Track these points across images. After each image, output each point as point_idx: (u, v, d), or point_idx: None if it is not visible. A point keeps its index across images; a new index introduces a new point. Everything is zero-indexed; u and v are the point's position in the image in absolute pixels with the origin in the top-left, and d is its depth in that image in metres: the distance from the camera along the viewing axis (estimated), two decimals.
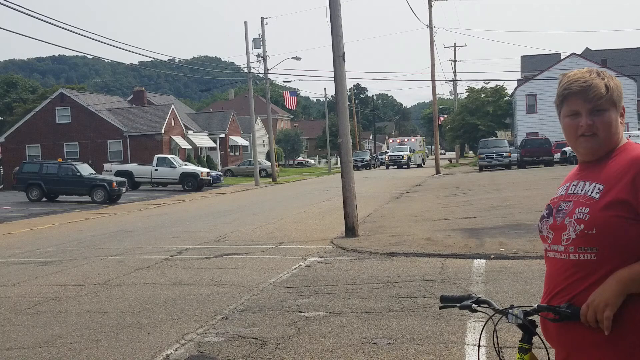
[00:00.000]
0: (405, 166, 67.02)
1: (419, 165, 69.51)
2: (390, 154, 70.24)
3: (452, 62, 79.26)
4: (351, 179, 16.11)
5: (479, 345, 4.00)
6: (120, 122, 55.13)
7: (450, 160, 79.07)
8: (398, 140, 76.90)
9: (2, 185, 54.44)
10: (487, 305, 2.97)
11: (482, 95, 69.12)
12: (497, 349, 2.99)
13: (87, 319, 8.50)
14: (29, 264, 13.93)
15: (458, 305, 2.96)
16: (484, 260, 11.36)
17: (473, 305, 2.95)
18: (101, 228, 21.69)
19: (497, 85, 69.06)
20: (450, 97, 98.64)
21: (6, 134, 56.47)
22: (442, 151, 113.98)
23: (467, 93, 73.74)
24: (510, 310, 2.78)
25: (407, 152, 68.57)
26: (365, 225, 17.25)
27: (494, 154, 49.30)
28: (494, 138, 60.15)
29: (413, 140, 75.52)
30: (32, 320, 8.59)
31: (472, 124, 67.69)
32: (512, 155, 49.95)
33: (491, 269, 10.61)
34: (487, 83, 70.00)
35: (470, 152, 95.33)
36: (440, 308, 3.06)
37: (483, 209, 19.78)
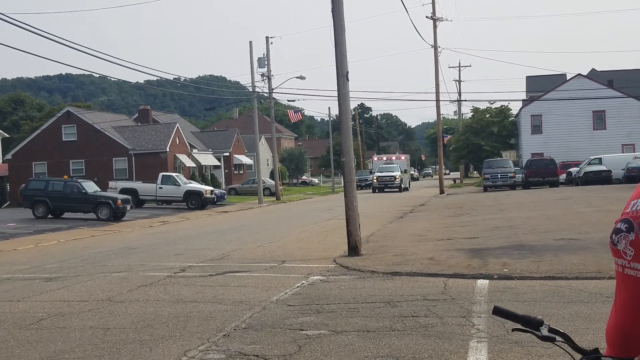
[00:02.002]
0: (397, 190, 56.99)
1: (404, 189, 58.92)
2: (378, 174, 58.67)
3: (457, 82, 79.49)
4: (354, 197, 16.15)
5: None
6: (126, 140, 55.35)
7: (454, 180, 79.04)
8: (384, 158, 66.99)
9: (8, 202, 54.59)
10: (563, 340, 2.66)
11: (487, 116, 69.20)
12: None
13: (90, 335, 8.53)
14: (34, 279, 13.98)
15: (539, 335, 2.72)
16: (487, 281, 11.37)
17: (557, 338, 2.63)
18: (105, 245, 21.74)
19: (502, 106, 69.19)
20: (455, 117, 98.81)
21: (13, 151, 56.71)
22: (447, 171, 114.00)
23: (472, 113, 73.85)
24: None
25: (399, 173, 58.00)
26: (368, 245, 17.27)
27: (499, 175, 49.29)
28: (499, 158, 60.12)
29: (402, 158, 67.01)
30: (35, 336, 8.63)
31: (476, 144, 67.71)
32: (516, 175, 49.92)
33: (494, 289, 10.62)
34: (492, 103, 70.18)
35: (475, 172, 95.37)
36: (513, 330, 2.85)
37: (487, 229, 19.78)
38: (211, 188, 46.98)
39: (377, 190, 57.73)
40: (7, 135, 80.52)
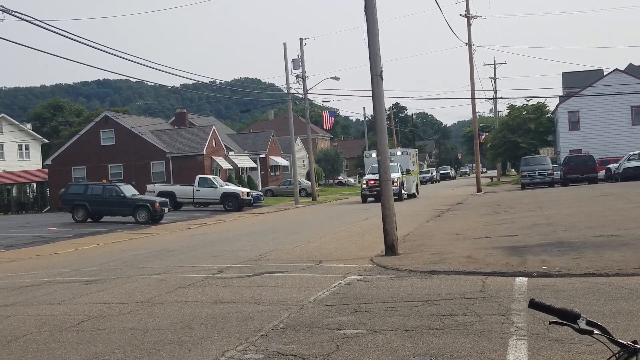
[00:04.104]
0: (397, 198, 36.84)
1: (411, 196, 46.43)
2: (369, 177, 43.85)
3: (492, 80, 78.80)
4: (390, 197, 16.08)
5: None
6: (163, 144, 55.93)
7: (491, 178, 78.26)
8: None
9: (48, 207, 55.58)
10: (601, 333, 2.66)
11: (524, 113, 68.37)
12: None
13: (129, 336, 8.62)
14: (74, 282, 14.19)
15: (576, 328, 2.65)
16: (526, 279, 11.22)
17: (595, 331, 2.62)
18: (144, 248, 21.98)
19: (538, 103, 68.29)
20: (491, 115, 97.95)
21: (53, 156, 57.72)
22: (484, 169, 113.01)
23: (508, 110, 73.05)
24: None
25: (398, 174, 42.39)
26: (405, 244, 17.17)
27: (537, 172, 48.67)
28: (536, 155, 59.38)
29: (401, 153, 49.82)
30: (76, 338, 8.75)
31: (513, 142, 66.97)
32: (554, 172, 49.24)
33: (533, 287, 10.47)
34: (528, 100, 69.29)
35: (512, 170, 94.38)
36: (550, 323, 2.81)
37: (525, 226, 19.53)
38: (248, 190, 47.24)
39: (366, 200, 43.25)
40: (46, 140, 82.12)
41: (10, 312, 10.93)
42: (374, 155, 48.65)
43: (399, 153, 48.92)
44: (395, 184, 38.93)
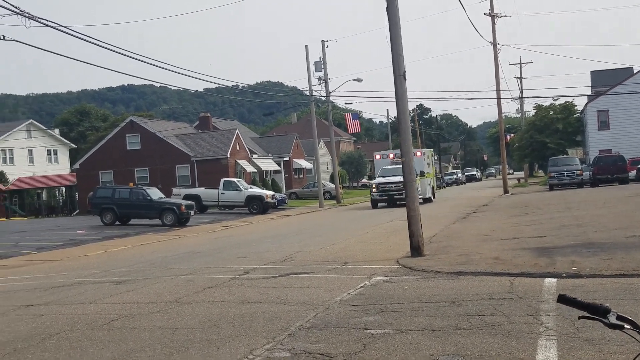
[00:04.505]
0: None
1: (426, 200, 41.28)
2: (379, 180, 40.82)
3: (518, 79, 78.12)
4: (415, 198, 16.05)
5: None
6: (188, 148, 56.32)
7: (518, 179, 77.64)
8: (391, 156, 45.46)
9: (78, 210, 56.24)
10: (632, 327, 2.66)
11: (551, 113, 67.65)
12: None
13: (159, 335, 8.72)
14: (104, 283, 14.36)
15: (606, 322, 2.65)
16: (555, 279, 11.14)
17: (626, 326, 2.61)
18: (171, 249, 22.17)
19: (566, 102, 67.58)
20: (517, 116, 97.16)
21: (80, 161, 58.39)
22: (510, 171, 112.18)
23: (535, 110, 72.37)
24: None
25: None
26: (431, 245, 17.13)
27: (565, 172, 48.16)
28: (565, 156, 58.77)
29: (418, 154, 42.86)
30: (107, 336, 8.86)
31: (540, 142, 66.29)
32: (583, 173, 48.68)
33: (563, 287, 10.39)
34: (555, 100, 68.60)
35: (540, 171, 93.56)
36: (580, 318, 2.79)
37: (554, 227, 19.38)
38: (272, 192, 47.38)
39: (377, 205, 40.01)
40: (74, 145, 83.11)
41: (44, 311, 11.11)
42: (381, 156, 46.67)
43: (419, 153, 43.46)
44: None
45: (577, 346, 6.96)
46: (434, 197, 45.57)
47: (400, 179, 36.57)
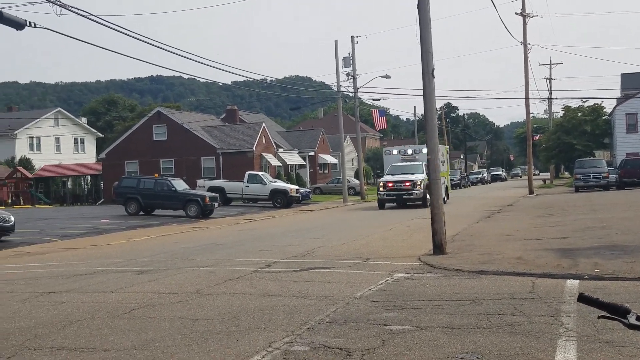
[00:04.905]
0: (420, 203, 35.29)
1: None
2: (387, 178, 37.57)
3: (547, 80, 77.36)
4: (439, 196, 16.00)
5: None
6: (214, 140, 56.58)
7: (544, 180, 76.96)
8: (401, 152, 42.80)
9: (102, 199, 56.80)
10: None
11: (579, 114, 67.00)
12: None
13: (179, 325, 8.78)
14: (126, 272, 14.49)
15: (625, 323, 2.63)
16: (577, 281, 11.05)
17: None
18: (194, 241, 22.31)
19: (595, 104, 66.85)
20: (545, 116, 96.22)
21: (107, 151, 58.92)
22: (536, 171, 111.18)
23: (563, 112, 71.69)
24: None
25: (422, 176, 35.75)
26: (453, 244, 17.06)
27: (591, 175, 47.67)
28: (591, 158, 58.12)
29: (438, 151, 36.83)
30: (127, 325, 8.95)
31: (568, 144, 65.67)
32: (610, 176, 48.13)
33: (585, 289, 10.29)
34: (584, 101, 67.89)
35: (566, 172, 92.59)
36: (599, 318, 2.78)
37: (578, 229, 19.20)
38: (296, 187, 47.45)
39: (384, 206, 36.97)
40: (101, 135, 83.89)
41: (65, 299, 11.24)
42: (395, 152, 42.24)
43: (424, 150, 39.49)
44: (418, 187, 35.55)
45: (597, 348, 6.90)
46: (447, 198, 39.97)
47: (411, 177, 36.07)
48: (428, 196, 34.14)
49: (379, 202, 37.67)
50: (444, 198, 38.24)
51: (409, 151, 41.91)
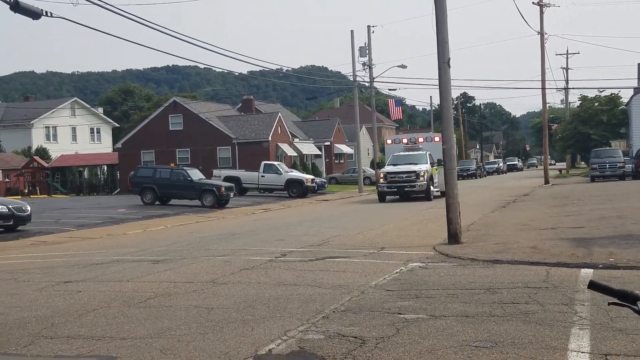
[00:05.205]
0: (423, 196, 33.68)
1: (444, 193, 21.22)
2: (388, 169, 35.06)
3: (564, 70, 76.77)
4: (455, 185, 15.98)
5: None
6: (230, 130, 56.69)
7: (560, 170, 76.54)
8: (405, 141, 39.45)
9: (118, 189, 57.15)
10: None
11: (596, 104, 66.51)
12: None
13: (195, 314, 8.86)
14: (142, 261, 14.61)
15: (635, 309, 2.67)
16: (592, 270, 11.02)
17: None
18: (210, 230, 22.42)
19: (611, 94, 66.30)
20: (562, 106, 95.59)
21: (123, 140, 59.22)
22: (552, 161, 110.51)
23: (580, 101, 71.21)
24: None
25: (426, 166, 34.25)
26: (468, 233, 17.04)
27: (607, 164, 47.35)
28: (607, 148, 57.71)
29: (437, 140, 36.22)
30: (144, 313, 9.04)
31: (584, 134, 65.26)
32: (626, 165, 47.80)
33: (599, 278, 10.25)
34: (601, 91, 67.37)
35: (582, 162, 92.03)
36: (610, 304, 2.83)
37: (593, 219, 19.11)
38: (312, 177, 47.47)
39: (385, 199, 34.79)
40: (117, 124, 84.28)
41: (82, 288, 11.36)
42: (393, 141, 39.78)
43: (437, 139, 36.75)
44: (421, 178, 33.34)
45: (610, 336, 6.90)
46: None
47: (414, 167, 33.69)
48: (432, 188, 33.91)
49: (379, 195, 35.25)
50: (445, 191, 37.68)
51: (412, 140, 39.11)
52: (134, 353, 7.05)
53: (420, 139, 39.00)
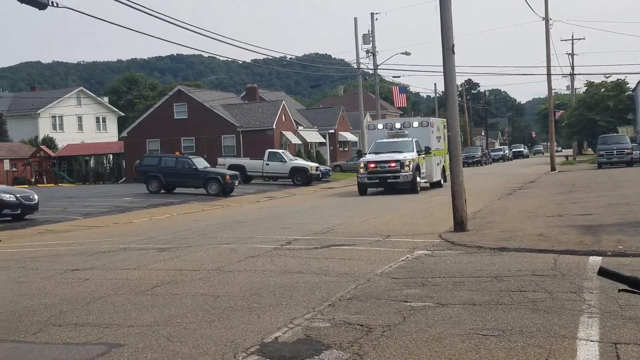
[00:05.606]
0: (409, 188, 30.44)
1: (434, 185, 34.12)
2: (370, 158, 31.53)
3: (569, 56, 76.43)
4: (460, 172, 15.91)
5: None
6: (234, 118, 56.65)
7: (566, 157, 76.36)
8: (389, 127, 34.79)
9: (124, 178, 57.21)
10: None
11: (602, 90, 66.29)
12: None
13: (201, 302, 8.85)
14: (148, 250, 14.62)
15: None
16: (600, 257, 10.97)
17: None
18: (215, 218, 22.43)
19: (618, 79, 66.03)
20: (567, 92, 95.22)
21: (128, 129, 59.26)
22: (558, 148, 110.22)
23: (586, 87, 70.93)
24: None
25: (412, 155, 30.96)
26: (474, 221, 16.99)
27: (614, 151, 47.21)
28: (614, 134, 57.52)
29: (424, 125, 34.22)
30: (150, 301, 9.03)
31: (590, 120, 65.04)
32: (633, 152, 47.63)
33: (607, 265, 10.20)
34: (607, 77, 67.09)
35: (589, 149, 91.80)
36: (620, 291, 2.80)
37: (600, 206, 19.04)
38: (316, 165, 47.46)
39: (366, 191, 31.45)
40: (122, 113, 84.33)
41: (89, 276, 11.37)
42: (380, 126, 35.05)
43: (415, 124, 34.23)
44: (406, 167, 29.97)
45: (620, 324, 6.86)
46: (444, 181, 33.89)
47: (398, 156, 30.15)
48: (418, 179, 30.89)
49: (359, 187, 31.49)
50: (440, 181, 34.23)
51: (397, 125, 34.46)
52: (141, 340, 7.05)
53: (407, 125, 34.25)
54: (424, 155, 32.15)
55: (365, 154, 33.39)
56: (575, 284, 8.95)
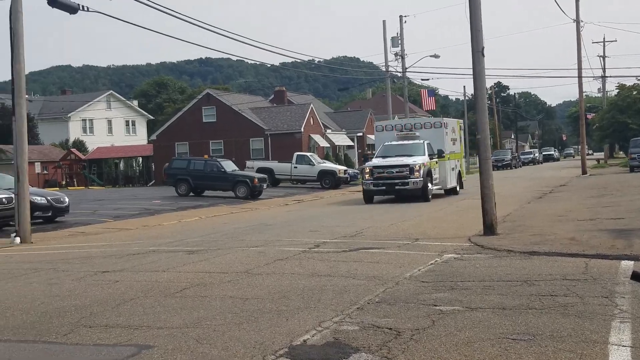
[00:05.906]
0: (420, 195, 27.98)
1: (448, 192, 31.55)
2: (376, 162, 29.11)
3: (601, 58, 75.50)
4: (490, 175, 15.78)
5: None
6: (262, 121, 56.85)
7: (598, 160, 75.40)
8: (397, 128, 32.24)
9: (153, 181, 57.72)
10: None
11: (634, 92, 65.34)
12: None
13: (230, 304, 8.88)
14: (177, 252, 14.72)
15: None
16: (632, 262, 10.80)
17: None
18: (243, 221, 22.51)
19: None
20: (599, 95, 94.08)
21: (157, 132, 59.75)
22: (590, 151, 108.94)
23: (617, 90, 69.99)
24: None
25: (423, 158, 28.49)
26: (504, 224, 16.85)
27: None
28: None
29: (445, 126, 32.01)
30: (179, 303, 9.09)
31: (622, 123, 64.13)
32: None
33: None
34: (639, 80, 66.13)
35: (621, 152, 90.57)
36: None
37: (633, 210, 18.76)
38: (345, 167, 47.42)
39: (372, 199, 28.94)
40: (151, 117, 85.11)
41: (119, 278, 11.47)
42: (389, 127, 32.36)
43: (427, 125, 32.27)
44: (416, 173, 27.48)
45: None
46: (460, 188, 32.66)
47: (407, 160, 27.81)
48: (430, 186, 28.24)
49: (365, 194, 28.92)
50: (455, 188, 32.06)
51: (407, 126, 31.99)
52: (171, 342, 7.09)
53: (407, 126, 31.90)
54: (436, 159, 29.63)
55: (372, 157, 31.26)
56: (607, 289, 8.83)
